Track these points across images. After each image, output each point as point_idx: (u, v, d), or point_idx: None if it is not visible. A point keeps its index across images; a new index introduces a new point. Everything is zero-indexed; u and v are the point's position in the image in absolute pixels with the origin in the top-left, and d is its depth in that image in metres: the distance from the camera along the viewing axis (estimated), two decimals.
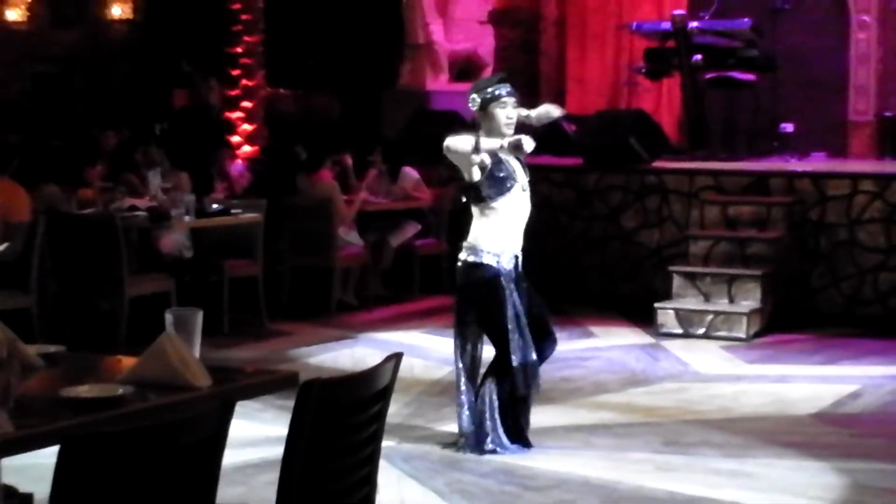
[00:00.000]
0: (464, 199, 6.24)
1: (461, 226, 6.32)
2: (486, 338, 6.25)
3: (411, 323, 9.96)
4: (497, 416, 6.14)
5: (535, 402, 6.37)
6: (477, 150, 5.95)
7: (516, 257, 6.17)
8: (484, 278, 6.08)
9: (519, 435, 6.23)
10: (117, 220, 8.59)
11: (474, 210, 6.15)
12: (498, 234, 6.10)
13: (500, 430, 6.15)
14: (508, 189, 6.06)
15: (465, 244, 6.19)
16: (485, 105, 6.08)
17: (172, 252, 9.57)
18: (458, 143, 6.03)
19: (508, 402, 6.16)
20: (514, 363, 6.03)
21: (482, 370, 6.26)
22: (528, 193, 6.18)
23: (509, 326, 6.04)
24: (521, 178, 6.13)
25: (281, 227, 10.31)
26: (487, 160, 5.99)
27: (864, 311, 9.82)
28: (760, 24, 12.16)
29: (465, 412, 6.20)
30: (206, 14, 16.27)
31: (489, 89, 6.11)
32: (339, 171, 11.10)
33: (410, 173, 11.23)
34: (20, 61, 18.72)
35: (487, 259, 6.08)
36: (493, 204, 6.06)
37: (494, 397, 6.14)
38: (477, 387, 6.20)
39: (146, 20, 19.28)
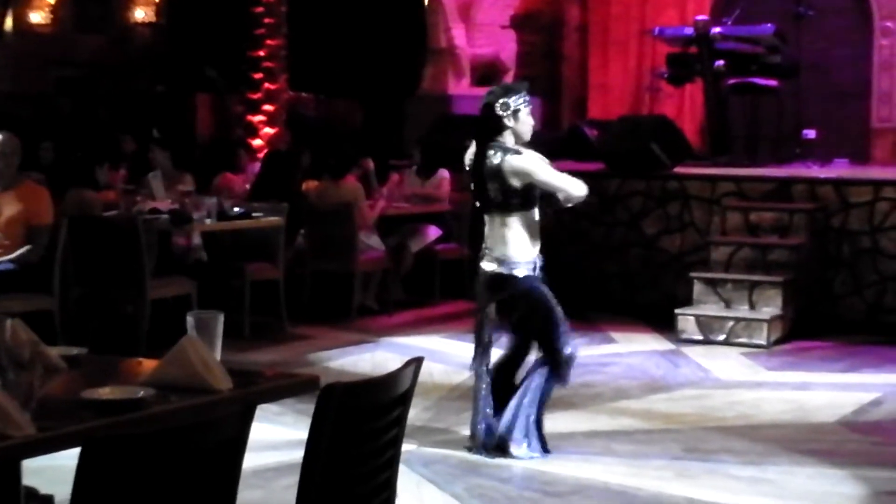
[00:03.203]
0: (486, 204, 6.18)
1: (482, 231, 6.29)
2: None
3: (432, 327, 9.97)
4: (534, 419, 6.13)
5: (555, 408, 6.38)
6: None
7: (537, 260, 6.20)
8: (525, 288, 6.07)
9: (542, 439, 6.23)
10: (139, 223, 8.62)
11: (497, 220, 6.10)
12: (528, 242, 6.08)
13: (536, 435, 6.14)
14: (538, 197, 6.11)
15: (491, 255, 6.12)
16: (517, 111, 6.08)
17: (185, 245, 9.56)
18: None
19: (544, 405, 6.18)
20: (568, 352, 6.09)
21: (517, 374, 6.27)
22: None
23: (561, 318, 6.09)
24: None
25: (295, 231, 10.32)
26: None
27: (887, 319, 9.78)
28: (783, 30, 12.13)
29: (483, 421, 6.21)
30: (229, 17, 16.31)
31: (523, 95, 6.12)
32: (360, 175, 11.12)
33: (442, 174, 11.28)
34: (44, 65, 18.81)
35: (522, 270, 6.07)
36: (527, 212, 6.07)
37: (537, 400, 6.13)
38: (506, 390, 6.21)
39: (169, 23, 19.35)
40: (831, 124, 12.93)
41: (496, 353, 6.33)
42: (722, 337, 9.37)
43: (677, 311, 9.59)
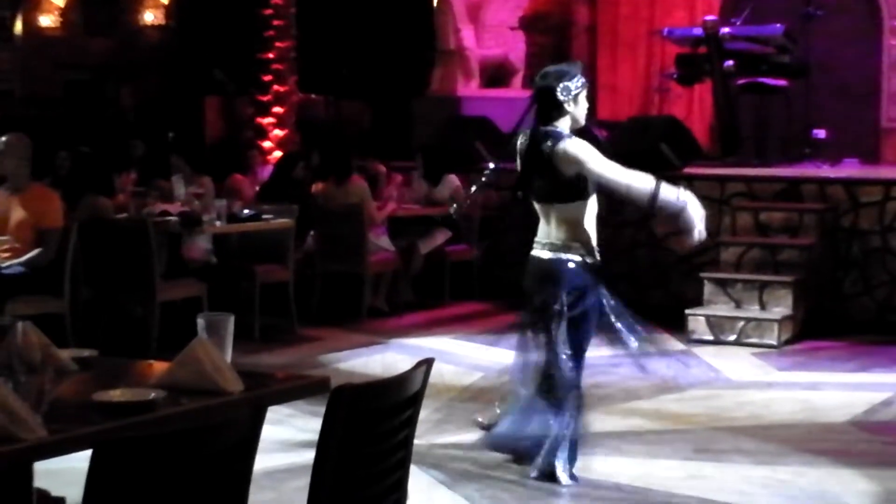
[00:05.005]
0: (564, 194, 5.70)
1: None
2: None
3: (442, 329, 9.96)
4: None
5: None
6: (654, 201, 5.76)
7: None
8: (579, 285, 5.77)
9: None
10: (149, 225, 8.63)
11: (552, 210, 5.74)
12: (586, 233, 5.77)
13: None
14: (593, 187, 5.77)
15: (568, 244, 5.71)
16: (577, 95, 5.69)
17: (200, 259, 9.59)
18: (637, 182, 5.78)
19: None
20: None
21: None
22: None
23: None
24: None
25: (304, 233, 10.33)
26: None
27: None
28: (792, 30, 12.11)
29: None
30: (237, 20, 16.32)
31: (580, 77, 5.71)
32: (369, 178, 11.11)
33: (453, 180, 11.23)
34: (53, 68, 18.84)
35: (576, 258, 5.74)
36: (583, 202, 5.73)
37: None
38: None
39: (179, 26, 19.37)
40: (841, 124, 12.91)
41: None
42: (732, 337, 9.36)
43: (688, 311, 9.58)
